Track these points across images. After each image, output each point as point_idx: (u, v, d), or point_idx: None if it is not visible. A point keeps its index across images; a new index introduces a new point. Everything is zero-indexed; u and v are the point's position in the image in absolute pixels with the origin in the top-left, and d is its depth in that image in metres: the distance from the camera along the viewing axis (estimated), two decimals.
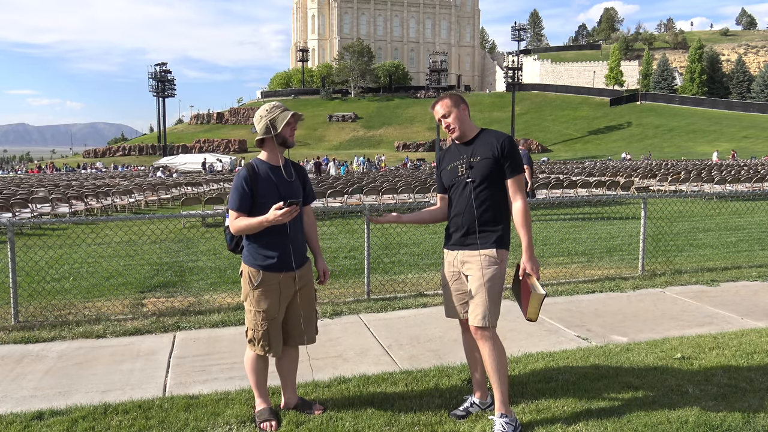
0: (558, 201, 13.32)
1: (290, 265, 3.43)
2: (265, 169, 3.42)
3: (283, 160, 3.50)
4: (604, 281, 7.15)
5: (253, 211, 3.34)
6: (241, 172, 3.43)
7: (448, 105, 3.42)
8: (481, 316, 3.27)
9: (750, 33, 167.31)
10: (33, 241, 11.77)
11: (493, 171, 3.31)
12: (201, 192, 23.11)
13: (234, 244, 3.56)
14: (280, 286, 3.43)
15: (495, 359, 3.28)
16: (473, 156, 3.36)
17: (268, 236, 3.38)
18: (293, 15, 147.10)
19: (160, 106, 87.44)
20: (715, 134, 79.79)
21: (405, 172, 34.80)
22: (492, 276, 3.30)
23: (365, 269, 6.69)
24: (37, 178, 41.46)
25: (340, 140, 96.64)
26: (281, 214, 3.16)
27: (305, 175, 3.64)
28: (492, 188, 3.33)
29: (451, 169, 3.45)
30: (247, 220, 3.32)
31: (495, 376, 3.30)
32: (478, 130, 3.45)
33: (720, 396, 3.74)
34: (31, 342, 5.19)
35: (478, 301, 3.29)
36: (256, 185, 3.36)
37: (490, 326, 3.28)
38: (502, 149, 3.30)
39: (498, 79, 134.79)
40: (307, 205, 3.64)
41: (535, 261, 3.32)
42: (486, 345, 3.29)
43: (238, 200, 3.35)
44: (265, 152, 3.47)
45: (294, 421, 3.49)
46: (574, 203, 15.63)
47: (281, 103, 3.46)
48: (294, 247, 3.44)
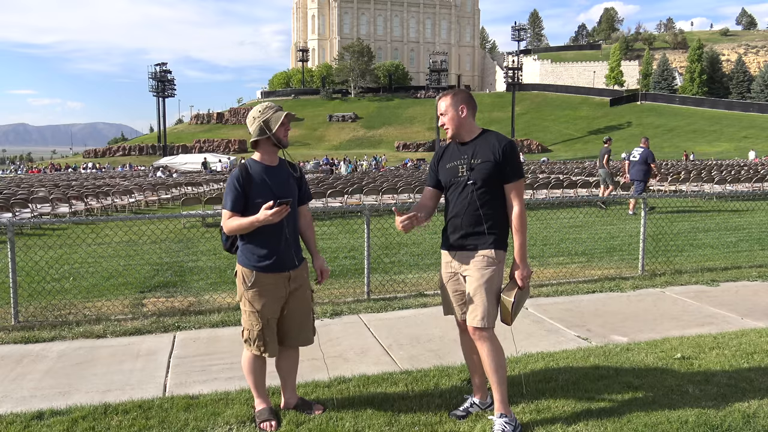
0: (558, 201, 13.32)
1: (284, 266, 3.43)
2: (259, 170, 3.41)
3: (278, 160, 3.50)
4: (604, 281, 7.14)
5: (247, 212, 3.33)
6: (234, 173, 3.42)
7: (447, 104, 3.39)
8: (479, 317, 3.26)
9: (750, 33, 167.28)
10: (33, 241, 11.77)
11: (494, 174, 3.29)
12: (201, 192, 23.09)
13: (229, 244, 3.55)
14: (274, 287, 3.42)
15: (494, 359, 3.28)
16: (474, 158, 3.33)
17: (262, 236, 3.37)
18: (293, 15, 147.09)
19: (160, 106, 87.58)
20: (716, 134, 79.82)
21: (405, 172, 34.79)
22: (490, 277, 3.29)
23: (365, 269, 6.69)
24: (37, 178, 41.47)
25: (340, 140, 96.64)
26: (271, 213, 3.16)
27: (302, 175, 3.63)
28: (492, 191, 3.32)
29: (451, 168, 3.42)
30: (239, 220, 3.32)
31: (494, 377, 3.29)
32: (479, 131, 3.41)
33: (720, 396, 3.74)
34: (31, 342, 5.19)
35: (476, 302, 3.29)
36: (249, 186, 3.35)
37: (489, 327, 3.28)
38: (503, 153, 3.28)
39: (498, 79, 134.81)
40: (303, 205, 3.62)
41: (525, 267, 3.33)
42: (484, 345, 3.29)
43: (230, 200, 3.35)
44: (259, 153, 3.46)
45: (294, 421, 3.49)
46: (574, 203, 15.63)
47: (274, 104, 3.44)
48: (289, 248, 3.43)
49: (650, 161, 13.93)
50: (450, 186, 3.44)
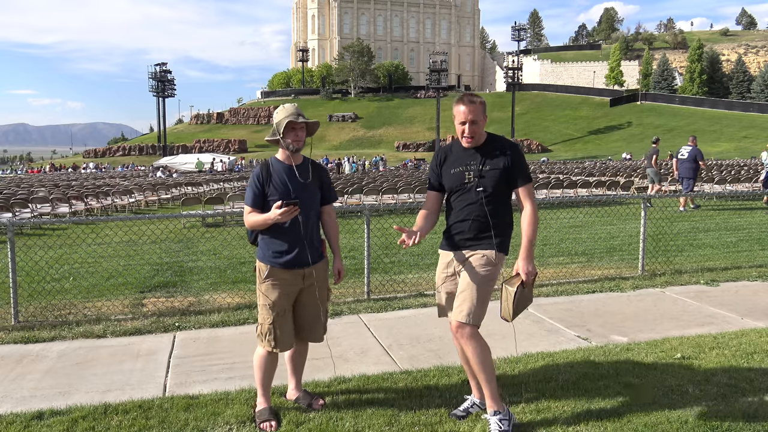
0: (558, 201, 13.31)
1: (299, 263, 3.48)
2: (279, 168, 3.50)
3: (300, 160, 3.55)
4: (604, 281, 7.14)
5: (265, 208, 3.43)
6: (255, 170, 3.56)
7: (479, 111, 3.28)
8: (465, 312, 3.23)
9: (750, 33, 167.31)
10: (33, 241, 11.77)
11: (503, 181, 3.30)
12: (201, 192, 23.10)
13: (254, 237, 3.64)
14: (287, 282, 3.47)
15: (479, 357, 3.24)
16: (483, 165, 3.30)
17: (278, 233, 3.45)
18: (293, 15, 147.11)
19: (160, 106, 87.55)
20: (716, 134, 79.77)
21: (405, 172, 34.80)
22: (484, 276, 3.28)
23: (365, 269, 6.70)
24: (37, 178, 41.47)
25: (340, 140, 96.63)
26: (280, 213, 3.24)
27: (324, 176, 3.65)
28: (500, 197, 3.33)
29: (456, 174, 3.36)
30: (256, 217, 3.43)
31: (482, 375, 3.27)
32: (485, 135, 3.38)
33: (720, 396, 3.75)
34: (31, 342, 5.19)
35: (465, 297, 3.26)
36: (267, 183, 3.45)
37: (473, 324, 3.24)
38: (513, 160, 3.29)
39: (498, 79, 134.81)
40: (327, 205, 3.67)
41: (530, 262, 3.24)
42: (468, 343, 3.25)
43: (250, 196, 3.48)
44: (281, 150, 3.54)
45: (294, 421, 3.49)
46: (574, 203, 15.63)
47: (293, 107, 3.49)
48: (304, 246, 3.48)
49: (699, 159, 14.47)
50: (455, 191, 3.39)
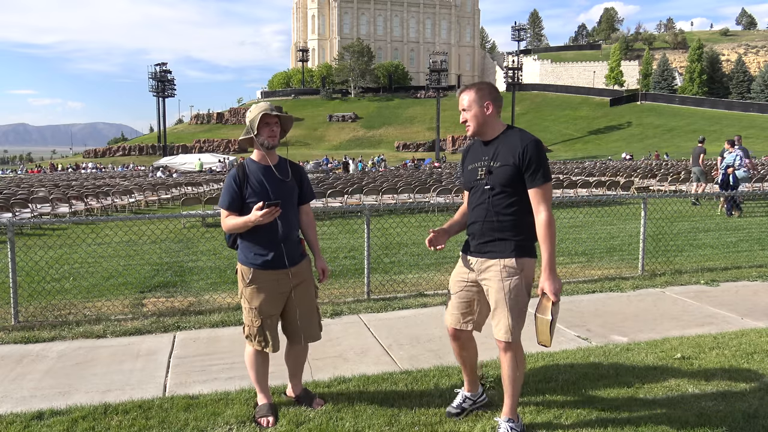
0: (558, 201, 13.31)
1: (282, 264, 3.44)
2: (255, 169, 3.44)
3: (276, 160, 3.50)
4: (604, 281, 7.14)
5: (244, 211, 3.37)
6: (231, 172, 3.46)
7: (471, 99, 3.13)
8: (503, 330, 3.12)
9: (750, 33, 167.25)
10: (33, 241, 11.77)
11: (513, 179, 3.04)
12: (201, 192, 23.10)
13: (231, 241, 3.59)
14: (274, 284, 3.44)
15: (514, 372, 3.18)
16: (494, 160, 3.09)
17: (258, 235, 3.40)
18: (293, 15, 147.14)
19: (160, 106, 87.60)
20: (716, 134, 79.61)
21: (405, 172, 34.78)
22: (513, 287, 3.10)
23: (365, 269, 6.69)
24: (37, 178, 41.47)
25: (340, 140, 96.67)
26: (261, 214, 3.21)
27: (302, 175, 3.63)
28: (512, 195, 3.08)
29: (471, 170, 3.22)
30: (235, 220, 3.37)
31: (510, 387, 3.22)
32: (502, 129, 3.15)
33: (720, 396, 3.74)
34: (31, 342, 5.18)
35: (500, 315, 3.13)
36: (245, 185, 3.38)
37: (514, 340, 3.13)
38: (524, 156, 3.00)
39: (498, 79, 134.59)
40: (304, 204, 3.63)
41: (554, 280, 3.04)
42: (508, 356, 3.17)
43: (227, 199, 3.40)
44: (256, 151, 3.49)
45: (294, 421, 3.49)
46: (574, 203, 15.63)
47: (267, 104, 3.42)
48: (286, 246, 3.44)
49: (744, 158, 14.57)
50: (471, 189, 3.24)
